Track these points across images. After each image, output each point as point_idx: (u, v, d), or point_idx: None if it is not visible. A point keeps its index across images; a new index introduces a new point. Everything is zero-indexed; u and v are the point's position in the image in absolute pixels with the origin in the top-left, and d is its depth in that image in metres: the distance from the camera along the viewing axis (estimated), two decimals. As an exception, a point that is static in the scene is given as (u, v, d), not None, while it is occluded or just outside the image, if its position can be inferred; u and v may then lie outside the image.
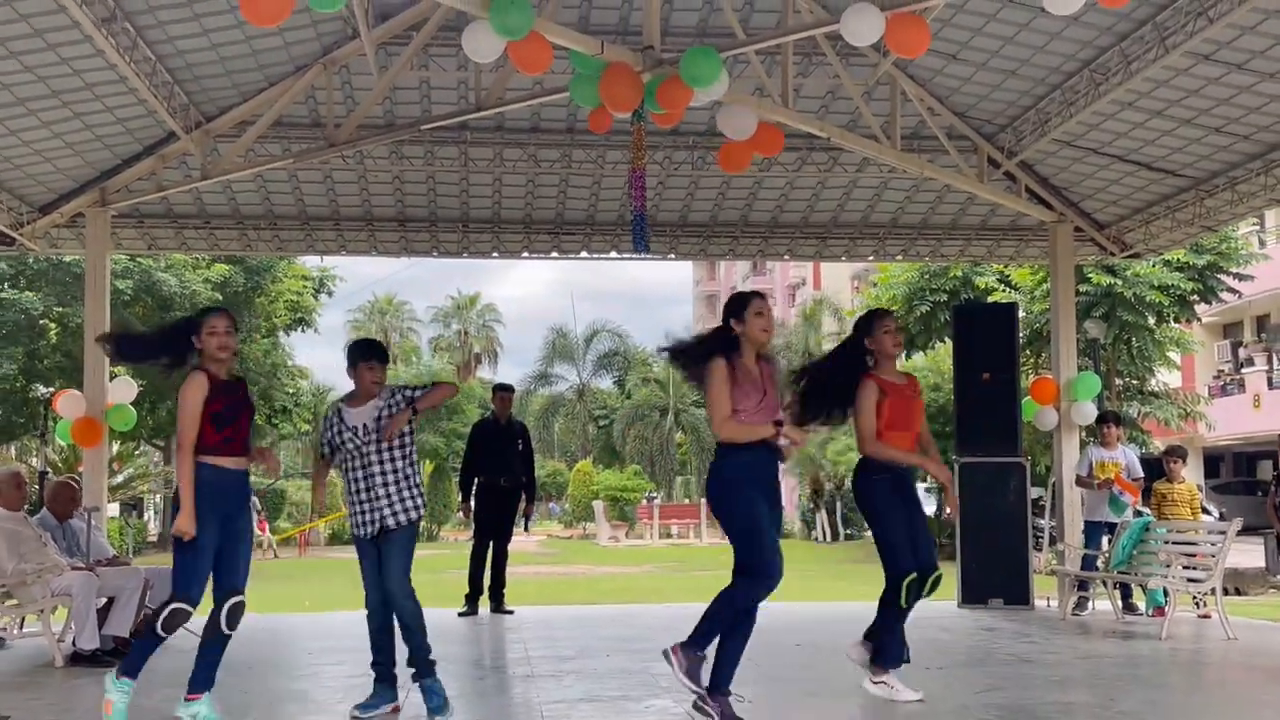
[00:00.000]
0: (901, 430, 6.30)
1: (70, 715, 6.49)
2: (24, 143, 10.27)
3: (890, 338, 6.37)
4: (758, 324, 5.74)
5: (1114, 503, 11.25)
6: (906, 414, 6.32)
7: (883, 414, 6.26)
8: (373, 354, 6.32)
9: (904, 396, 6.34)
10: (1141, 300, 21.94)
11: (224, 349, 5.80)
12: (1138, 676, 7.73)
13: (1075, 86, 10.21)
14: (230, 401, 5.78)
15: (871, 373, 6.38)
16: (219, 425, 5.73)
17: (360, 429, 6.13)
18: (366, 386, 6.21)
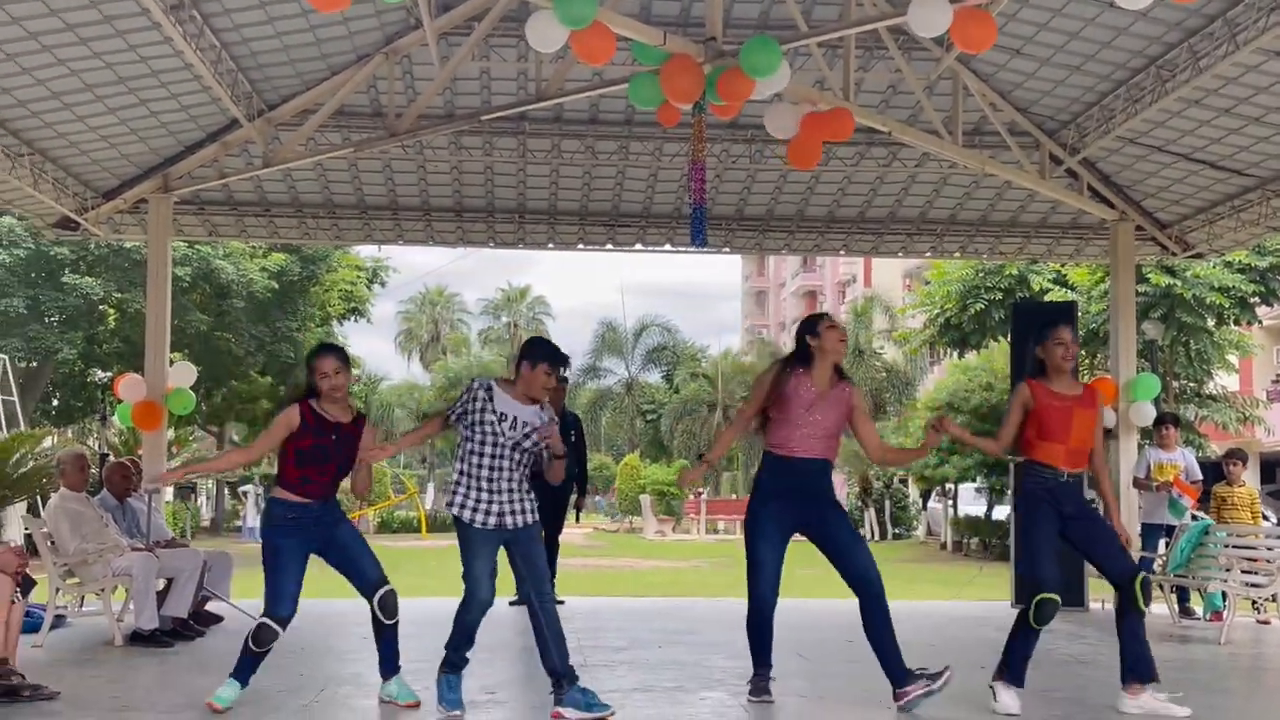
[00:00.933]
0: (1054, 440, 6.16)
1: (128, 693, 6.57)
2: (90, 128, 10.41)
3: (1061, 349, 6.20)
4: (832, 337, 6.13)
5: (1173, 505, 11.09)
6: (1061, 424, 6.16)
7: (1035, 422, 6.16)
8: (561, 363, 6.02)
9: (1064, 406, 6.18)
10: (1201, 302, 21.63)
11: (335, 389, 5.92)
12: (1196, 680, 7.62)
13: (1141, 83, 10.08)
14: (320, 443, 5.87)
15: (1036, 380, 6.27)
16: (300, 463, 5.87)
17: (513, 420, 5.88)
18: (536, 391, 5.92)
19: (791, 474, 6.06)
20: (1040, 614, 6.04)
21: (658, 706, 6.21)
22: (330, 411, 5.96)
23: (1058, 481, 6.11)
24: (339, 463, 5.98)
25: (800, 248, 14.49)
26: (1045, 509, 6.12)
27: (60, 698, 6.17)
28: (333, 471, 5.98)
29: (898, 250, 14.21)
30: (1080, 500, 6.22)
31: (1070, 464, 6.14)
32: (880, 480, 36.99)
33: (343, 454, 5.98)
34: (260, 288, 25.70)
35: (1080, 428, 6.13)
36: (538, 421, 5.94)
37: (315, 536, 5.97)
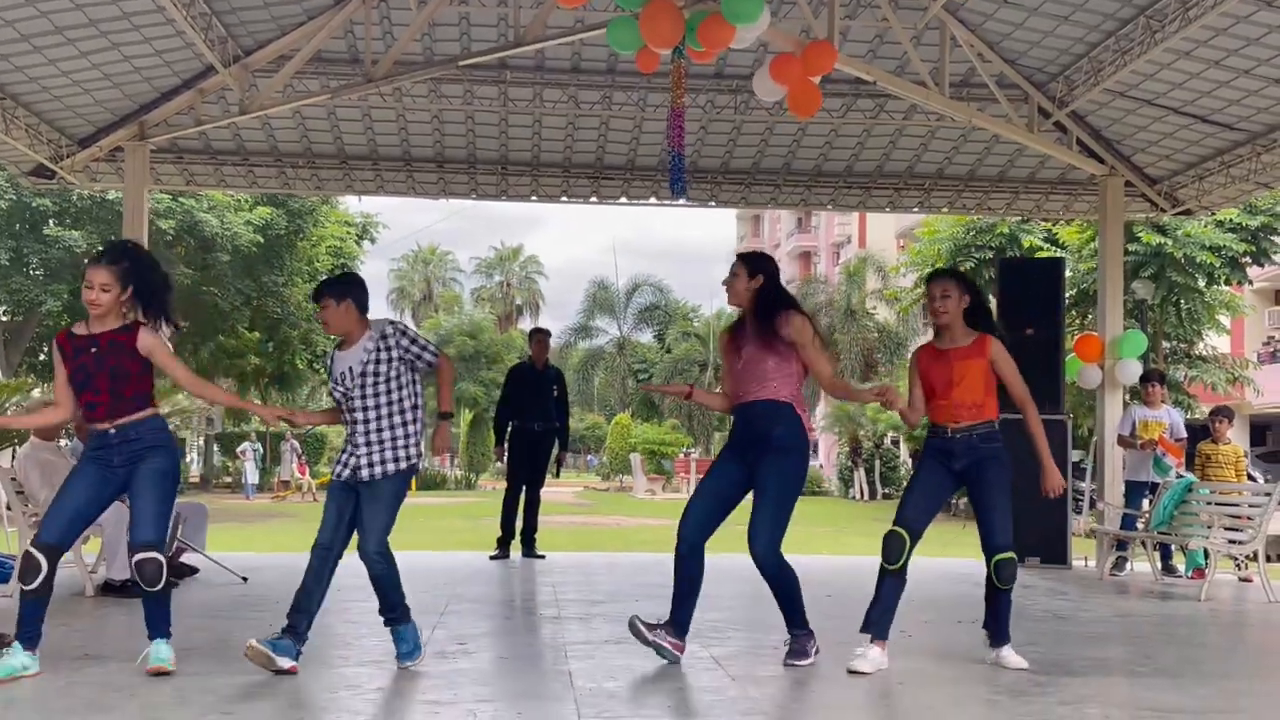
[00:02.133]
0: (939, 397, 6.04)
1: (95, 642, 6.49)
2: (62, 73, 10.24)
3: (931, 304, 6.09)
4: (730, 284, 6.02)
5: (1157, 464, 11.03)
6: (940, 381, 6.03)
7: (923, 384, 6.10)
8: (324, 292, 5.76)
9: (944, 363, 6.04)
10: (1192, 261, 21.51)
11: (93, 305, 5.45)
12: (1175, 635, 7.58)
13: (1130, 34, 9.93)
14: (82, 362, 5.46)
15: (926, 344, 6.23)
16: (78, 389, 5.49)
17: (340, 375, 5.72)
18: (336, 330, 5.78)
19: (739, 420, 5.97)
20: (885, 549, 5.96)
21: (627, 657, 6.13)
22: (95, 327, 5.49)
23: (943, 438, 6.00)
24: (108, 375, 5.42)
25: (787, 201, 14.34)
26: (930, 462, 6.06)
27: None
28: (105, 386, 5.43)
29: (885, 205, 14.08)
30: (976, 455, 5.95)
31: (955, 419, 5.96)
32: (870, 441, 37.03)
33: (107, 365, 5.42)
34: (246, 242, 25.49)
35: (964, 378, 5.95)
36: (361, 358, 5.67)
37: (114, 465, 5.47)
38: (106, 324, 5.51)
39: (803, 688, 5.54)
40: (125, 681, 5.30)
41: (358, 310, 5.76)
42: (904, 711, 5.23)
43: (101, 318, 5.49)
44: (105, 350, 5.47)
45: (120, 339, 5.49)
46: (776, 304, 5.93)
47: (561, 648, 6.37)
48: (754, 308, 5.93)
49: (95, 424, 5.51)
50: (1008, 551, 5.93)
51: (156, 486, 5.50)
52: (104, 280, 5.45)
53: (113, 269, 5.48)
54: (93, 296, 5.43)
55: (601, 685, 5.36)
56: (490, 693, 5.24)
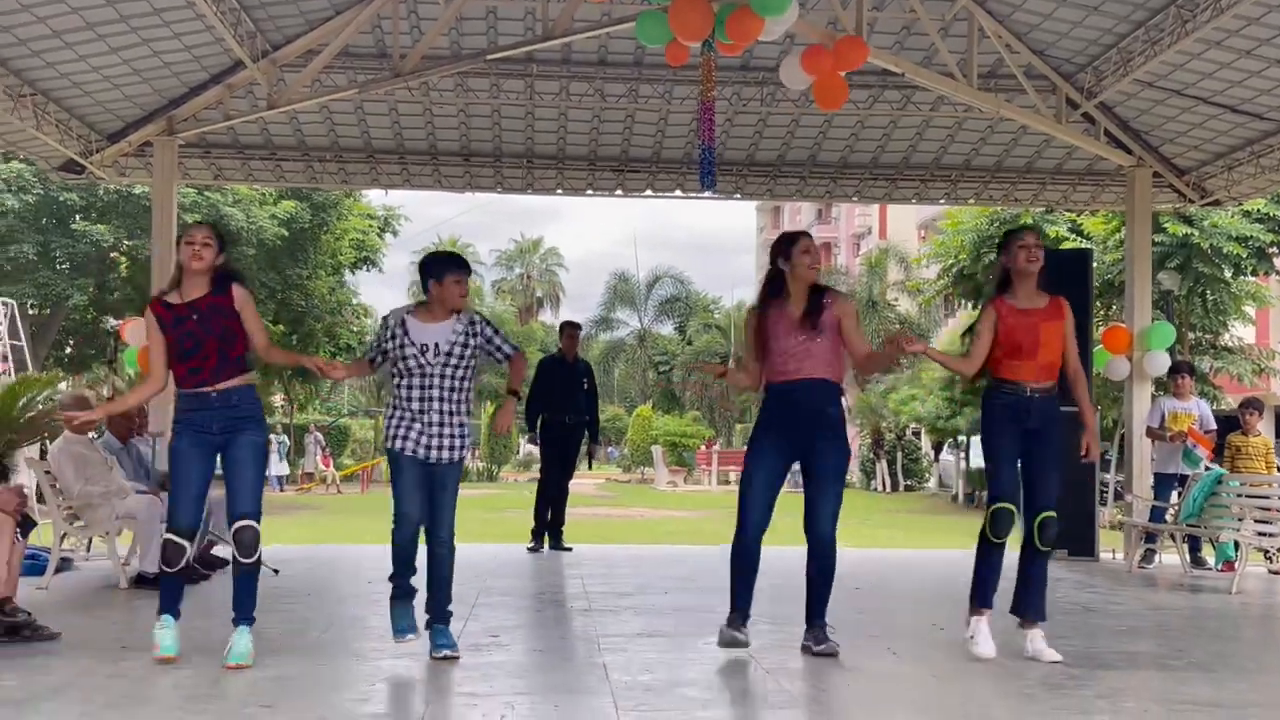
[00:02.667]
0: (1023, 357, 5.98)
1: (129, 634, 6.54)
2: (92, 68, 10.29)
3: (1024, 252, 6.01)
4: (804, 261, 5.95)
5: (1188, 455, 10.97)
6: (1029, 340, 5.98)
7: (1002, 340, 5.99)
8: (461, 266, 5.88)
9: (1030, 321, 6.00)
10: (1219, 252, 21.34)
11: (196, 258, 5.56)
12: (1207, 629, 7.56)
13: (1160, 24, 9.87)
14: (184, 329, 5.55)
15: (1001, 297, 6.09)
16: (179, 357, 5.57)
17: (431, 348, 5.72)
18: (453, 301, 5.77)
19: (789, 398, 5.89)
20: (995, 524, 5.94)
21: (660, 651, 6.16)
22: (187, 293, 5.60)
23: (1020, 397, 5.97)
24: (216, 338, 5.52)
25: (812, 194, 14.31)
26: (1006, 424, 5.99)
27: (61, 638, 6.15)
28: (214, 350, 5.52)
29: (911, 197, 14.03)
30: (1048, 416, 5.99)
31: (1037, 378, 5.98)
32: (892, 432, 36.94)
33: (216, 329, 5.53)
34: (270, 235, 25.50)
35: (1049, 340, 5.98)
36: (461, 336, 5.75)
37: (213, 432, 5.56)
38: (199, 288, 5.63)
39: (836, 680, 5.54)
40: (162, 674, 5.35)
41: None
42: (939, 705, 5.22)
43: (196, 279, 5.59)
44: (206, 313, 5.58)
45: (219, 301, 5.62)
46: (823, 286, 6.02)
47: (594, 640, 6.39)
48: (810, 287, 5.96)
49: (198, 388, 5.57)
50: (1052, 511, 5.97)
51: (256, 461, 5.68)
52: (204, 235, 5.61)
53: (209, 229, 5.69)
54: (195, 250, 5.55)
55: (636, 678, 5.37)
56: (526, 685, 5.27)
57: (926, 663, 5.89)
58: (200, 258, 5.57)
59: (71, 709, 4.68)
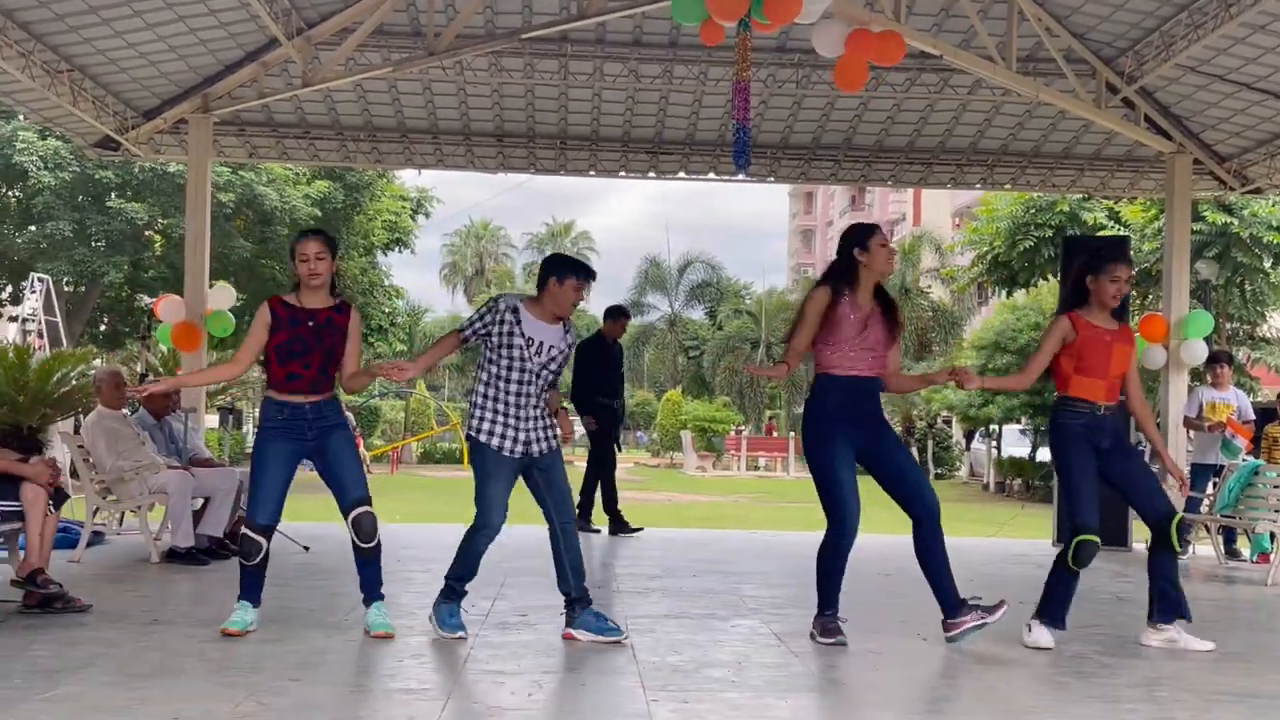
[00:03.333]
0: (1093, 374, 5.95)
1: (160, 608, 6.58)
2: (129, 45, 10.31)
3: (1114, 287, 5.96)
4: (882, 254, 5.85)
5: (1226, 446, 10.84)
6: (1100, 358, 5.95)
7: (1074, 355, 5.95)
8: (587, 275, 5.79)
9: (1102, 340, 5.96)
10: (1258, 241, 21.11)
11: (313, 275, 5.68)
12: (1242, 619, 7.49)
13: (1204, 7, 9.72)
14: (297, 333, 5.64)
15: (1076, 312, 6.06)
16: (281, 359, 5.66)
17: (540, 345, 5.67)
18: (564, 306, 5.71)
19: (850, 393, 5.79)
20: (1079, 556, 5.89)
21: (688, 632, 6.14)
22: (307, 301, 5.70)
23: (1094, 416, 5.92)
24: (323, 352, 5.67)
25: (847, 177, 14.19)
26: (1082, 446, 5.92)
27: (92, 610, 6.18)
28: (318, 363, 5.67)
29: (947, 181, 13.91)
30: (1118, 434, 6.03)
31: (1108, 398, 5.96)
32: (924, 420, 36.78)
33: (325, 343, 5.67)
34: (304, 215, 25.57)
35: (1119, 361, 5.96)
36: (563, 345, 5.76)
37: (306, 439, 5.70)
38: (320, 299, 5.73)
39: (862, 664, 5.51)
40: (193, 646, 5.38)
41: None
42: (969, 691, 5.18)
43: (317, 290, 5.70)
44: (323, 325, 5.69)
45: (337, 319, 5.75)
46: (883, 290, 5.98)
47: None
48: (884, 288, 5.94)
49: (290, 395, 5.67)
50: (1178, 513, 6.02)
51: (353, 451, 5.89)
52: (318, 249, 5.68)
53: (322, 239, 5.75)
54: (311, 268, 5.65)
55: (664, 659, 5.35)
56: (554, 664, 5.26)
57: (956, 649, 5.83)
58: (316, 274, 5.67)
59: (102, 679, 4.70)
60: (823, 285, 5.89)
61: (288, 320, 5.66)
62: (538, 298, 5.76)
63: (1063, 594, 6.01)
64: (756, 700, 4.69)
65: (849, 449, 5.78)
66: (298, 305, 5.71)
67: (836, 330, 5.77)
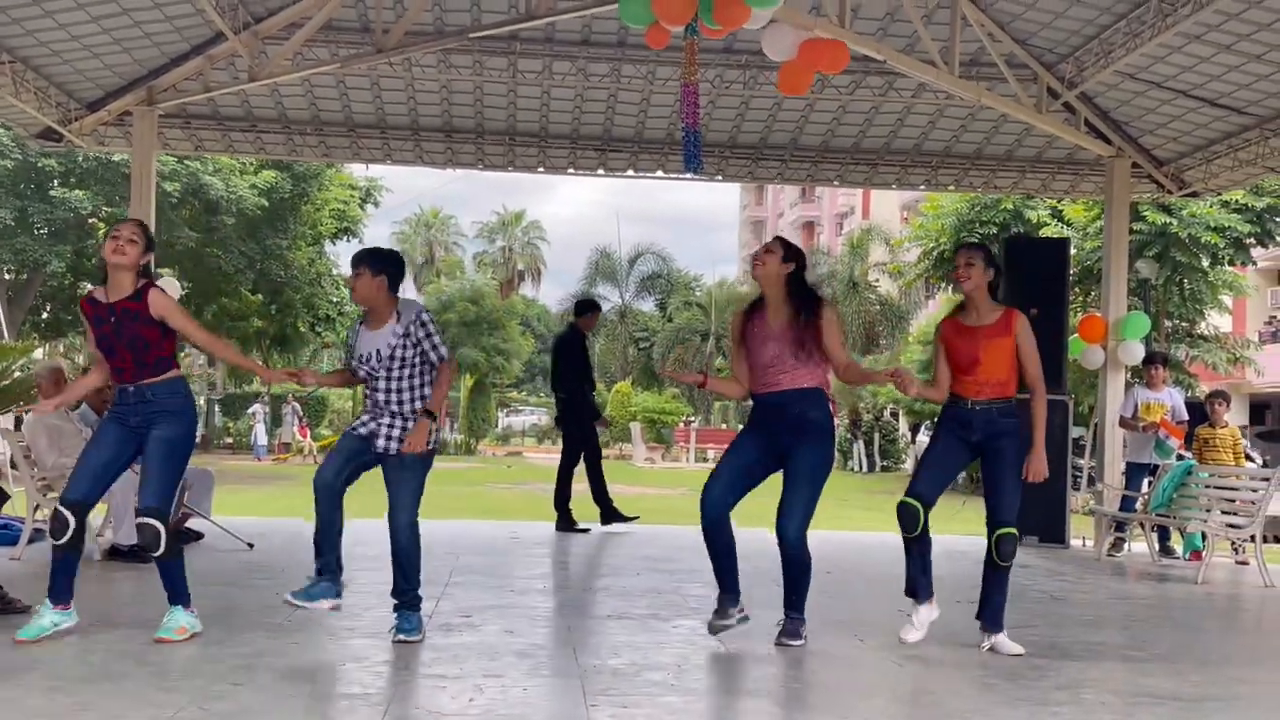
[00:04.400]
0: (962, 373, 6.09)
1: (101, 607, 6.56)
2: (72, 37, 10.22)
3: (957, 270, 6.16)
4: (755, 270, 6.04)
5: (1159, 446, 11.09)
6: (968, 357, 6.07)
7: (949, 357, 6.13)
8: (357, 261, 5.79)
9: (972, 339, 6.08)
10: (1196, 241, 21.51)
11: (116, 252, 5.51)
12: (1171, 619, 7.67)
13: (1142, 17, 9.90)
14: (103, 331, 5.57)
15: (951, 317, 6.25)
16: (105, 354, 5.62)
17: (364, 356, 5.79)
18: (356, 296, 5.83)
19: (766, 412, 5.93)
20: (901, 518, 6.04)
21: (630, 634, 6.21)
22: (111, 293, 5.57)
23: (961, 409, 6.07)
24: (126, 346, 5.51)
25: (794, 177, 14.31)
26: (948, 433, 6.12)
27: (31, 611, 6.14)
28: (129, 357, 5.52)
29: (892, 182, 14.06)
30: (991, 429, 6.02)
31: (977, 394, 6.03)
32: (870, 413, 37.10)
33: (125, 338, 5.50)
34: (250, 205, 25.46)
35: (991, 357, 6.01)
36: (388, 345, 5.72)
37: (134, 429, 5.59)
38: (122, 288, 5.57)
39: (801, 666, 5.61)
40: (134, 649, 5.38)
41: (389, 288, 5.80)
42: (901, 693, 5.30)
43: (122, 274, 5.53)
44: (121, 318, 5.54)
45: (133, 307, 5.56)
46: (809, 293, 6.01)
47: (565, 623, 6.44)
48: (787, 294, 5.95)
49: (120, 384, 5.64)
50: (1010, 527, 6.00)
51: (166, 454, 5.60)
52: (130, 231, 5.57)
53: (137, 224, 5.68)
54: (117, 246, 5.50)
55: (605, 662, 5.43)
56: (496, 667, 5.31)
57: (891, 650, 5.96)
58: (123, 253, 5.53)
59: (43, 684, 4.70)
60: (736, 312, 6.23)
61: (94, 319, 5.62)
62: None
63: (908, 566, 6.15)
64: (695, 704, 4.78)
65: (752, 450, 5.95)
66: (103, 301, 5.60)
67: (750, 352, 6.00)
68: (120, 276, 5.56)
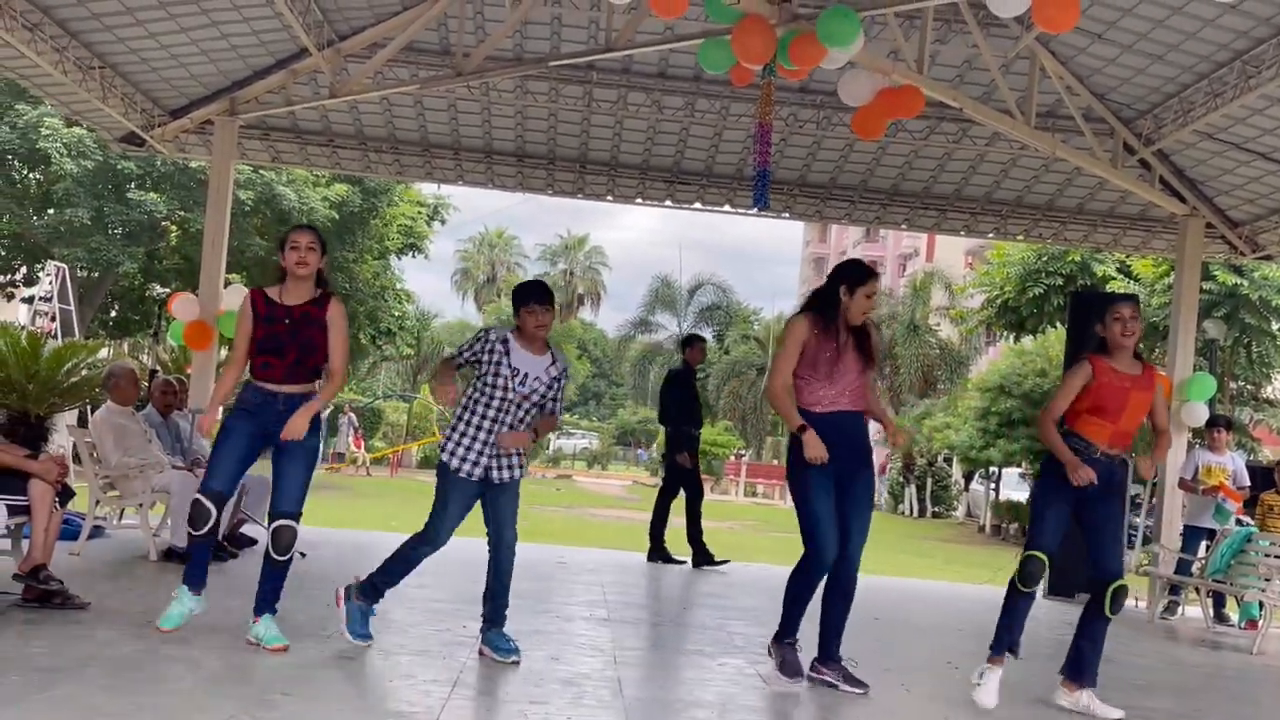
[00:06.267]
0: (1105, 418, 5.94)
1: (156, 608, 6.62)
2: (161, 46, 10.45)
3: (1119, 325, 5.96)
4: (863, 305, 5.92)
5: (1218, 510, 10.92)
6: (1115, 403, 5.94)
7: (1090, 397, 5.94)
8: (539, 298, 5.87)
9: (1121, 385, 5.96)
10: (1266, 304, 21.22)
11: (300, 265, 5.65)
12: (1225, 689, 7.54)
13: (1224, 77, 9.83)
14: (273, 330, 5.65)
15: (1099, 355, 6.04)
16: (259, 350, 5.70)
17: (524, 376, 5.80)
18: (529, 331, 5.83)
19: (834, 430, 5.83)
20: (1025, 572, 5.92)
21: (676, 668, 6.21)
22: (288, 296, 5.70)
23: (1088, 455, 5.91)
24: (297, 347, 5.65)
25: (861, 218, 14.31)
26: (1063, 483, 5.90)
27: (89, 608, 6.26)
28: (292, 358, 5.65)
29: (960, 229, 14.01)
30: (1109, 482, 5.94)
31: (1111, 444, 5.94)
32: (924, 458, 36.81)
33: (300, 339, 5.65)
34: (321, 217, 25.74)
35: (1134, 409, 5.94)
36: (546, 376, 5.85)
37: (271, 430, 5.68)
38: (301, 294, 5.72)
39: (844, 710, 5.58)
40: (187, 653, 5.45)
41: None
42: (948, 747, 5.25)
43: (302, 282, 5.68)
44: (299, 322, 5.68)
45: (314, 312, 5.72)
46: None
47: (610, 653, 6.45)
48: (864, 325, 5.98)
49: (266, 384, 5.71)
50: (1123, 579, 5.92)
51: (308, 463, 5.81)
52: (309, 240, 5.70)
53: (314, 233, 5.78)
54: (300, 257, 5.64)
55: (651, 695, 5.43)
56: (541, 694, 5.32)
57: (938, 701, 5.91)
58: (304, 263, 5.67)
59: (99, 681, 4.78)
60: (804, 315, 5.99)
61: (265, 316, 5.70)
62: (519, 330, 5.92)
63: (1010, 619, 6.01)
64: (738, 744, 4.77)
65: (827, 480, 5.84)
66: (277, 301, 5.71)
67: (814, 365, 5.86)
68: (300, 284, 5.71)
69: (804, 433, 5.75)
